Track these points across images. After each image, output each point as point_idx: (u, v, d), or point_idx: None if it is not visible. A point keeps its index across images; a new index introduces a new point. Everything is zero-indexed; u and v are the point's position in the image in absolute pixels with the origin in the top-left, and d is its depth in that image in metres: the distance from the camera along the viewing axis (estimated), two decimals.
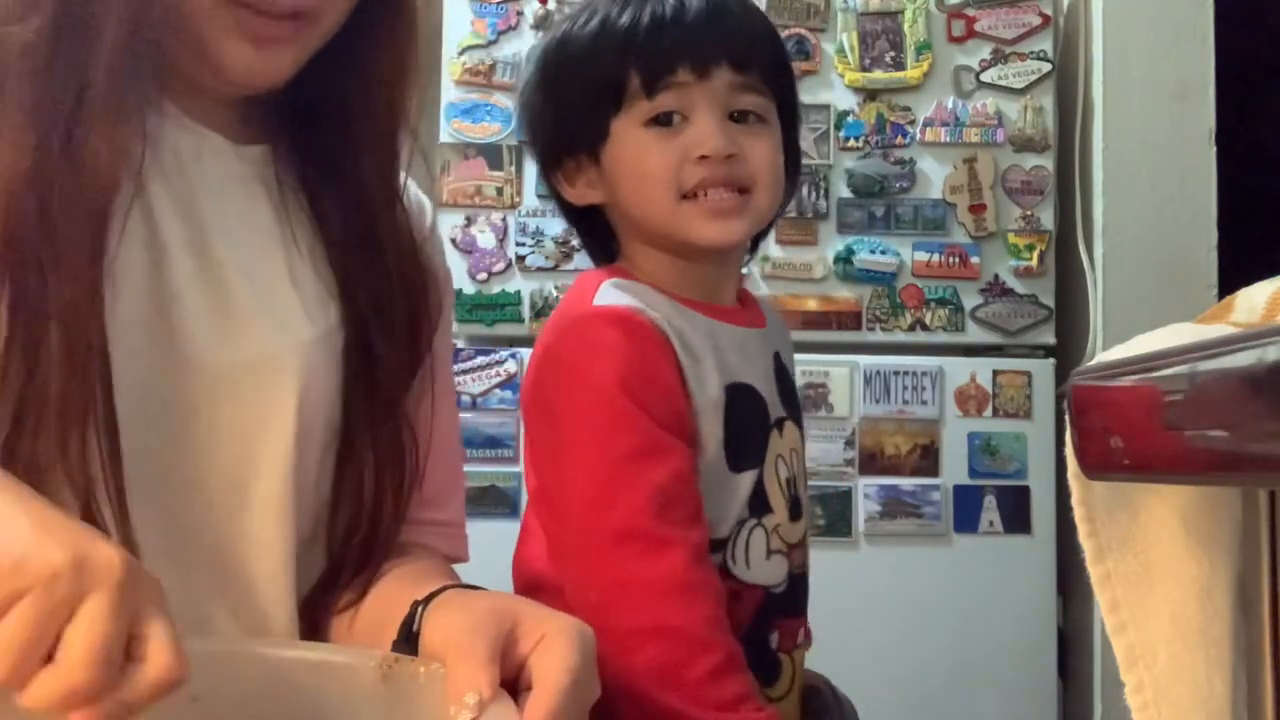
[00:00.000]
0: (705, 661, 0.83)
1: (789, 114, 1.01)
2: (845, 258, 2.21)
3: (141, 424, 0.74)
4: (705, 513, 0.90)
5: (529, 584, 0.95)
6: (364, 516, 0.83)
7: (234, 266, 0.79)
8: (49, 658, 0.53)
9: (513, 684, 0.64)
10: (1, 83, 0.69)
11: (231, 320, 0.78)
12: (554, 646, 0.64)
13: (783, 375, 1.01)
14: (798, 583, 0.98)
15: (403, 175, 0.89)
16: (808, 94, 2.23)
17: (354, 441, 0.84)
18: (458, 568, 0.92)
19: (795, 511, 0.98)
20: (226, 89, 0.81)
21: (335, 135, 0.85)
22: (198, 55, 0.77)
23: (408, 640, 0.70)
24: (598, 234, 1.03)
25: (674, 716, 0.83)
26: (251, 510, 0.79)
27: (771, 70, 0.97)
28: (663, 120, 0.93)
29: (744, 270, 1.08)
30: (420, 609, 0.71)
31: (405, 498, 0.86)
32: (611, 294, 0.93)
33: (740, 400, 0.94)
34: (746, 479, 0.93)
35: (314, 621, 0.83)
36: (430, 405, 0.89)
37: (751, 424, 0.95)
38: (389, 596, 0.78)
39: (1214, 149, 2.17)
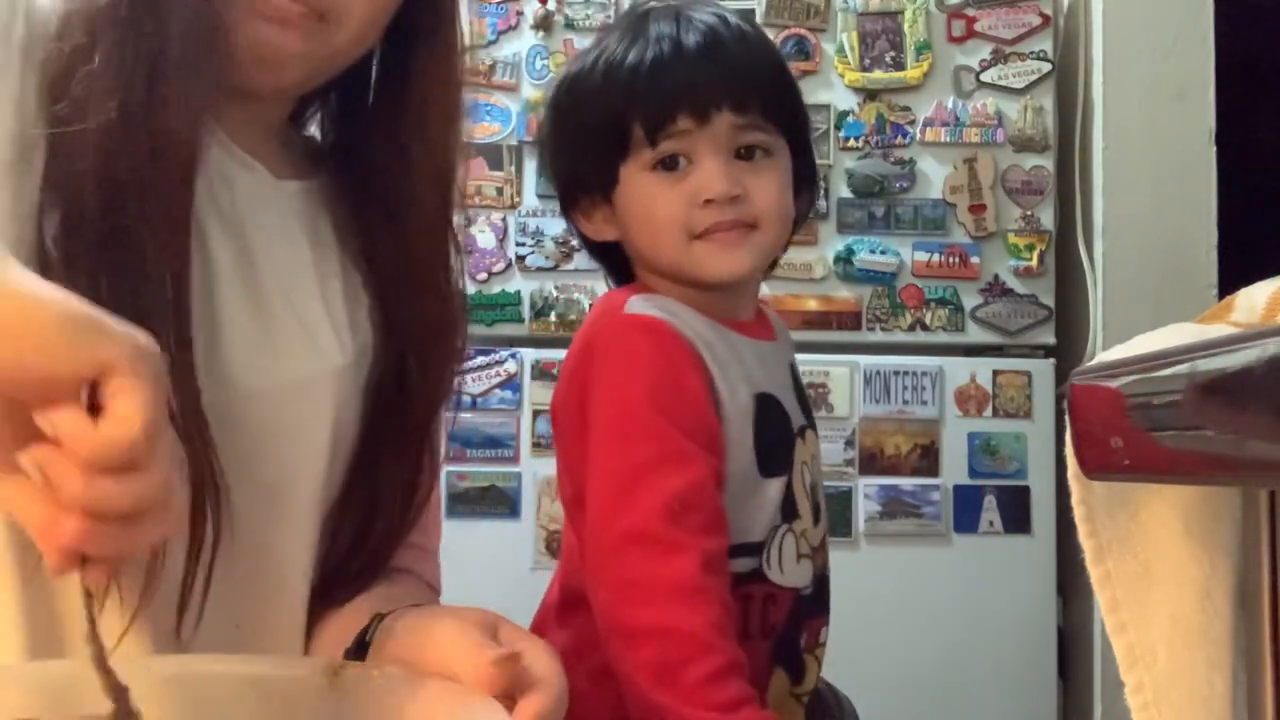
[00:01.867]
0: (705, 664, 0.84)
1: (799, 137, 1.03)
2: (845, 258, 2.21)
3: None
4: (735, 519, 0.92)
5: (570, 598, 0.98)
6: (370, 535, 0.85)
7: (276, 293, 0.81)
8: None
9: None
10: (95, 50, 0.71)
11: (271, 344, 0.80)
12: (539, 656, 0.66)
13: (798, 385, 1.05)
14: (822, 584, 1.01)
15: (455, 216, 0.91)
16: (808, 94, 2.22)
17: (375, 463, 0.86)
18: None
19: (817, 516, 1.01)
20: (252, 79, 0.81)
21: (395, 165, 0.87)
22: (222, 47, 0.78)
23: (359, 649, 0.71)
24: (618, 263, 1.06)
25: (667, 715, 0.84)
26: (282, 523, 0.81)
27: (775, 102, 0.98)
28: (669, 164, 0.96)
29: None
30: (378, 620, 0.72)
31: (411, 522, 0.88)
32: (641, 305, 0.96)
33: (767, 409, 0.97)
34: (776, 485, 0.96)
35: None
36: (442, 426, 0.92)
37: (778, 432, 0.97)
38: (363, 612, 0.79)
39: (1214, 149, 2.17)
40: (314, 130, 0.95)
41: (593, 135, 0.99)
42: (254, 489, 0.79)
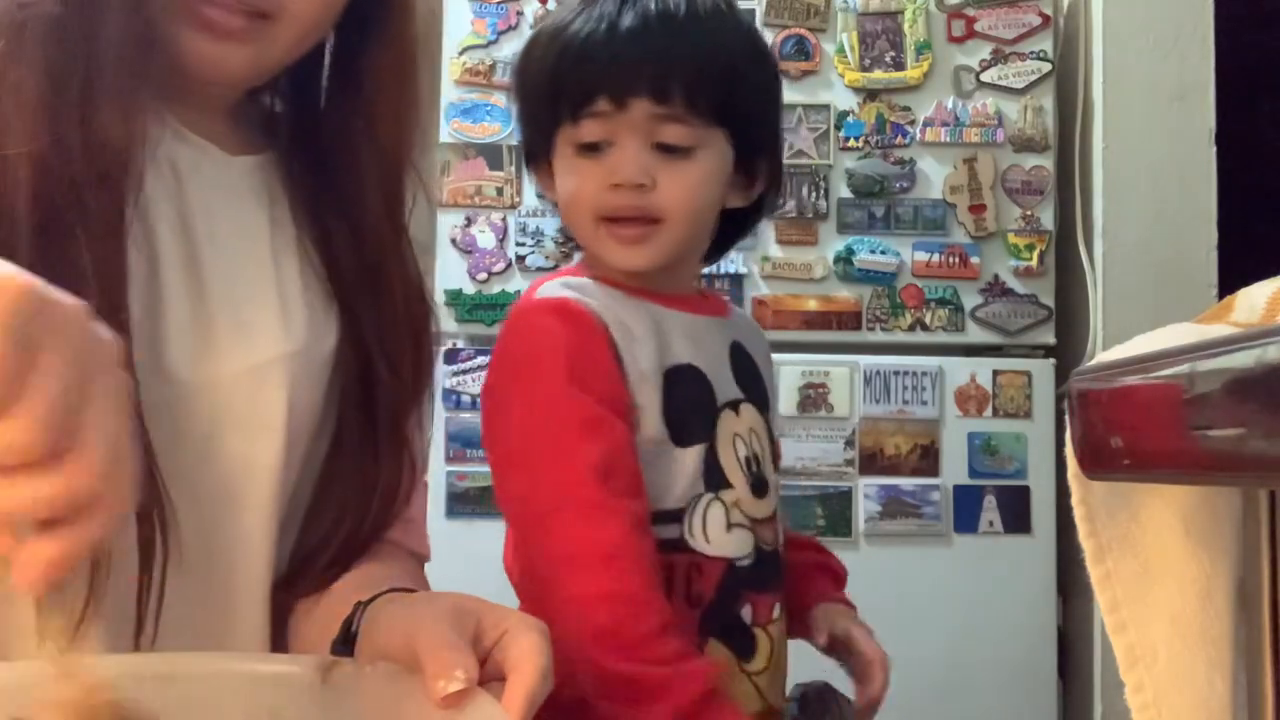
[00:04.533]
0: (647, 622, 0.87)
1: (748, 132, 1.00)
2: (845, 258, 2.21)
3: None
4: (649, 486, 0.94)
5: (518, 584, 0.99)
6: (342, 526, 0.84)
7: (220, 282, 0.80)
8: None
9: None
10: (22, 55, 0.70)
11: (216, 334, 0.79)
12: (520, 637, 0.65)
13: (742, 361, 1.05)
14: (768, 558, 1.01)
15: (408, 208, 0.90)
16: (808, 94, 2.23)
17: (346, 455, 0.85)
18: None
19: (759, 489, 1.01)
20: (195, 87, 0.81)
21: (343, 161, 0.86)
22: (160, 45, 0.78)
23: (345, 641, 0.71)
24: None
25: (625, 679, 0.86)
26: (241, 515, 0.80)
27: (708, 95, 0.96)
28: (591, 147, 0.97)
29: (708, 269, 1.14)
30: (361, 609, 0.72)
31: (391, 515, 0.87)
32: (551, 288, 0.99)
33: (682, 379, 0.98)
34: (692, 454, 0.97)
35: (275, 616, 0.83)
36: (420, 415, 0.91)
37: (694, 402, 0.98)
38: (342, 597, 0.78)
39: (1214, 149, 2.17)
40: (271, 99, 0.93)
41: (531, 102, 1.02)
42: (208, 481, 0.78)
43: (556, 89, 0.97)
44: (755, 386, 1.05)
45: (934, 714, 2.03)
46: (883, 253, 2.22)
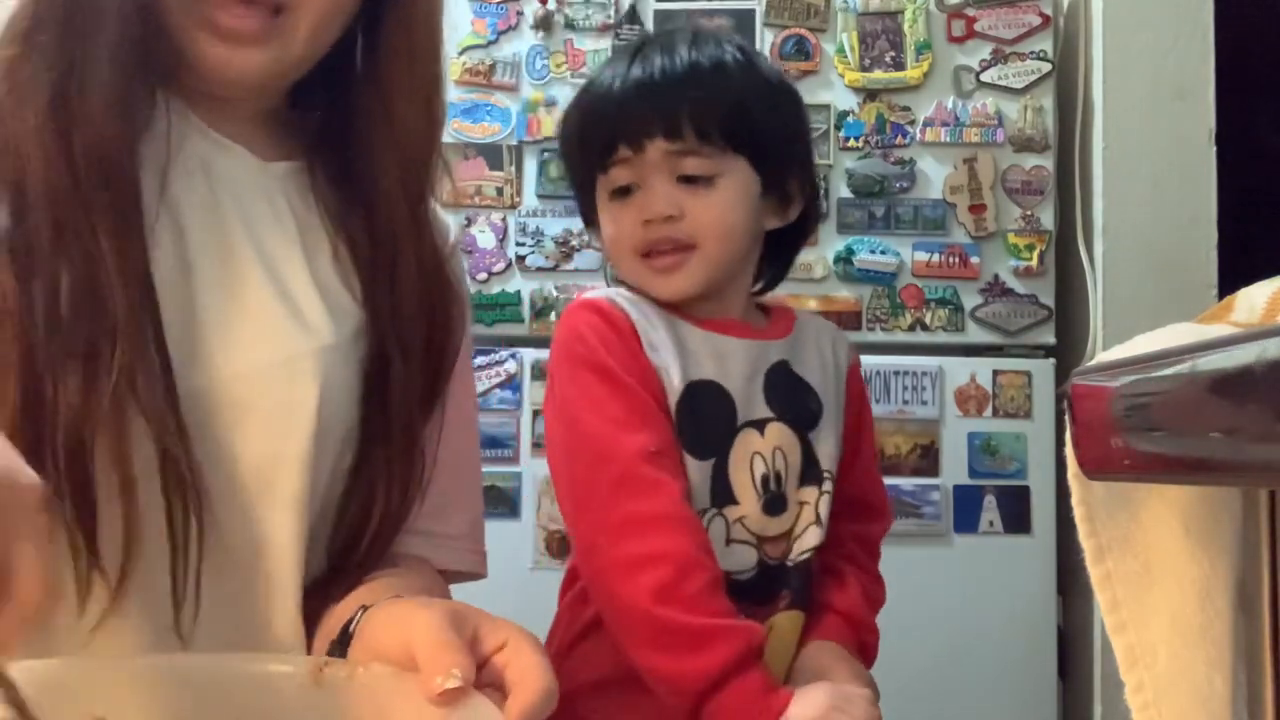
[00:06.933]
0: (699, 578, 0.95)
1: (771, 156, 1.07)
2: (845, 258, 2.21)
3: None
4: None
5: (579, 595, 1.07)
6: (368, 526, 0.85)
7: (256, 273, 0.81)
8: None
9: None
10: (30, 59, 0.72)
11: (251, 326, 0.80)
12: (524, 649, 0.65)
13: (783, 380, 1.08)
14: (771, 572, 1.04)
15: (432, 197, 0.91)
16: (807, 94, 2.22)
17: (369, 452, 0.85)
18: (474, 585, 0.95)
19: (774, 506, 1.04)
20: (215, 90, 0.81)
21: (361, 152, 0.87)
22: (175, 50, 0.78)
23: (343, 642, 0.71)
24: None
25: (679, 628, 0.93)
26: (272, 509, 0.81)
27: (715, 128, 1.04)
28: (623, 191, 1.06)
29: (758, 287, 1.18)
30: (361, 612, 0.72)
31: (405, 512, 0.87)
32: (598, 291, 1.08)
33: (701, 395, 1.03)
34: (702, 467, 1.02)
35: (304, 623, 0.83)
36: (441, 418, 0.91)
37: (711, 418, 1.03)
38: (352, 601, 0.79)
39: (1214, 149, 2.17)
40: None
41: (571, 163, 1.13)
42: (239, 471, 0.79)
43: (585, 146, 1.08)
44: (796, 405, 1.08)
45: (934, 714, 2.03)
46: (883, 253, 2.22)
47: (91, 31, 0.73)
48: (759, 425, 1.05)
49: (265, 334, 0.80)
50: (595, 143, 1.07)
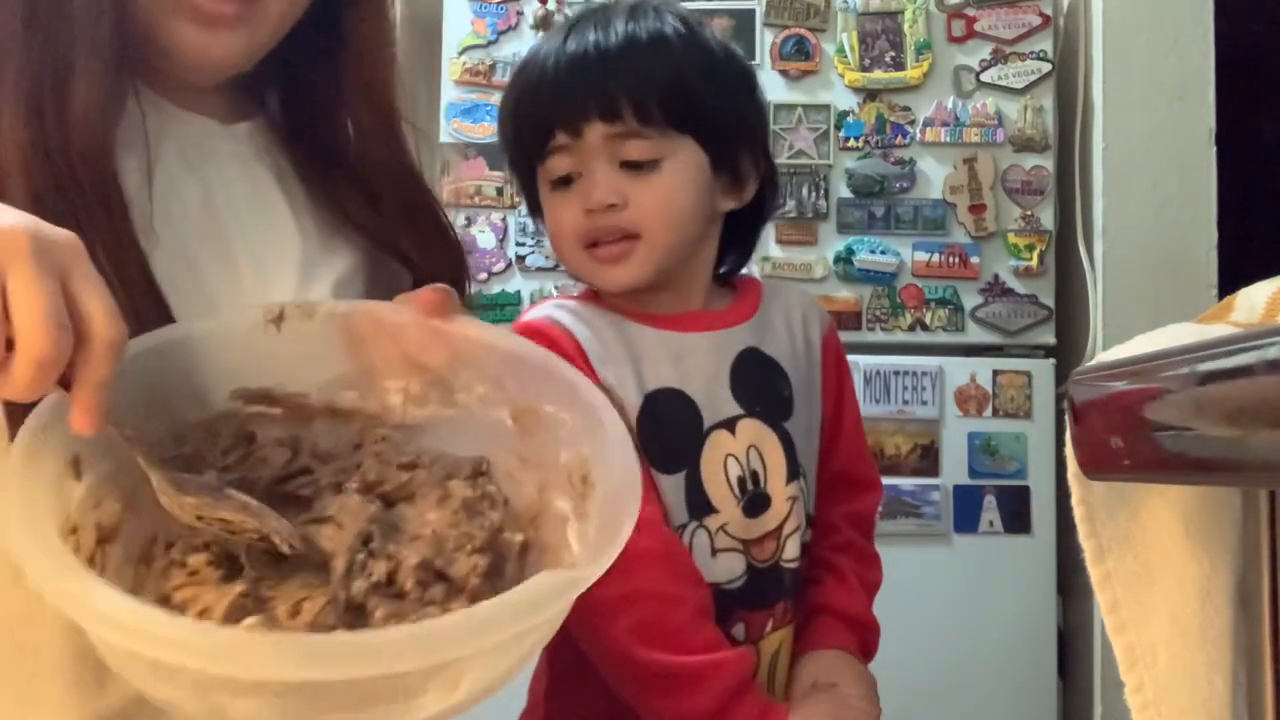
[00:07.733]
0: (680, 613, 0.92)
1: (719, 136, 1.00)
2: (845, 258, 2.21)
3: None
4: None
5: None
6: None
7: (248, 249, 0.81)
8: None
9: None
10: (10, 50, 0.72)
11: (243, 298, 0.80)
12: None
13: (752, 370, 1.02)
14: (763, 575, 1.00)
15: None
16: (808, 94, 2.23)
17: None
18: None
19: (755, 506, 0.99)
20: (189, 76, 0.81)
21: (319, 83, 0.86)
22: (150, 40, 0.78)
23: None
24: None
25: (663, 670, 0.90)
26: None
27: (656, 108, 0.97)
28: (564, 181, 0.99)
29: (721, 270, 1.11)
30: None
31: None
32: (536, 310, 1.02)
33: (661, 405, 0.98)
34: (674, 481, 0.97)
35: None
36: None
37: (675, 428, 0.98)
38: None
39: (1214, 149, 2.17)
40: None
41: (510, 152, 1.05)
42: None
43: (519, 135, 1.01)
44: (767, 394, 1.03)
45: (934, 714, 2.03)
46: (883, 253, 2.22)
47: (68, 33, 0.72)
48: (729, 425, 1.00)
49: (252, 294, 0.80)
50: (531, 130, 0.99)
